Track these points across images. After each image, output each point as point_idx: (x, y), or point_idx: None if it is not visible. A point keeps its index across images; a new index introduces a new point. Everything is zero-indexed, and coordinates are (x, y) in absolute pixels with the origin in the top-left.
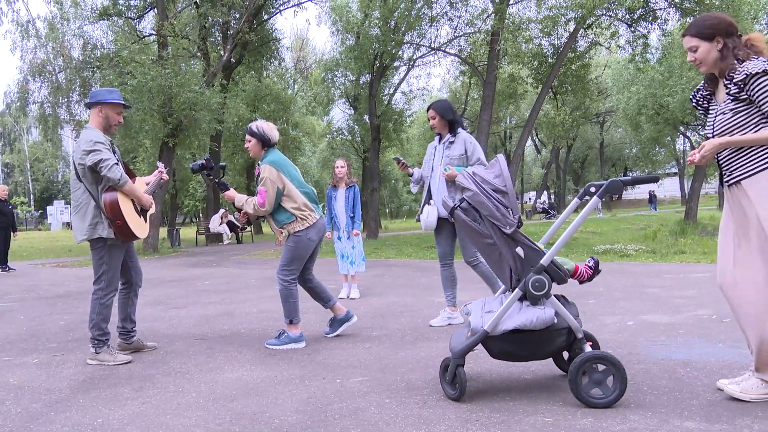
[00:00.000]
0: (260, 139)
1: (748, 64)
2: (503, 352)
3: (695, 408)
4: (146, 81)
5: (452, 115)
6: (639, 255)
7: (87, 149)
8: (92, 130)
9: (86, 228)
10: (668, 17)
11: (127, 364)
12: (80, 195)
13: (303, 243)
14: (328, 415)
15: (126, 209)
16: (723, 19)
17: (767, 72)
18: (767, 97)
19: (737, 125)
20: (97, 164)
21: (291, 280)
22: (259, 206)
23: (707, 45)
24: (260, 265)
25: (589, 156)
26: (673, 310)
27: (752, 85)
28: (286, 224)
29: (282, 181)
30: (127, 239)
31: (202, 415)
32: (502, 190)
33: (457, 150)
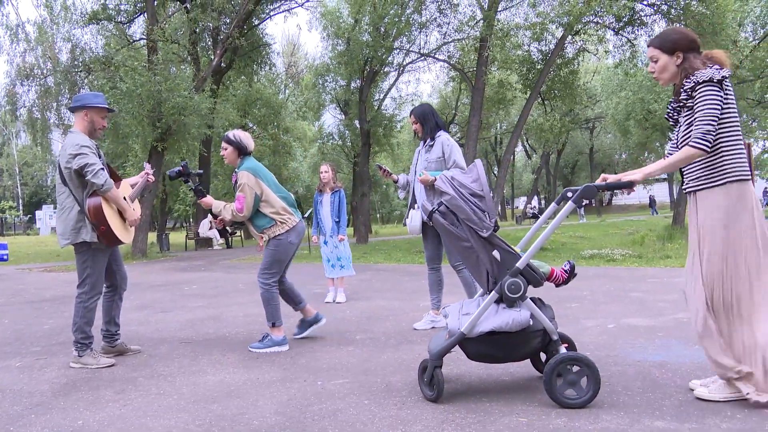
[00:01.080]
0: (237, 147)
1: (698, 73)
2: (480, 354)
3: (666, 408)
4: (136, 86)
5: (433, 119)
6: (625, 259)
7: (73, 153)
8: (78, 134)
9: (69, 232)
10: (655, 24)
11: (110, 367)
12: (65, 199)
13: (283, 246)
14: (306, 417)
15: (110, 214)
16: (686, 35)
17: (713, 80)
18: (702, 103)
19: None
20: (83, 168)
21: (272, 283)
22: (237, 212)
23: (667, 58)
24: (249, 270)
25: (579, 161)
26: (654, 314)
27: (696, 91)
28: (266, 229)
29: (260, 187)
30: (112, 244)
31: (182, 416)
32: (479, 194)
33: (435, 153)
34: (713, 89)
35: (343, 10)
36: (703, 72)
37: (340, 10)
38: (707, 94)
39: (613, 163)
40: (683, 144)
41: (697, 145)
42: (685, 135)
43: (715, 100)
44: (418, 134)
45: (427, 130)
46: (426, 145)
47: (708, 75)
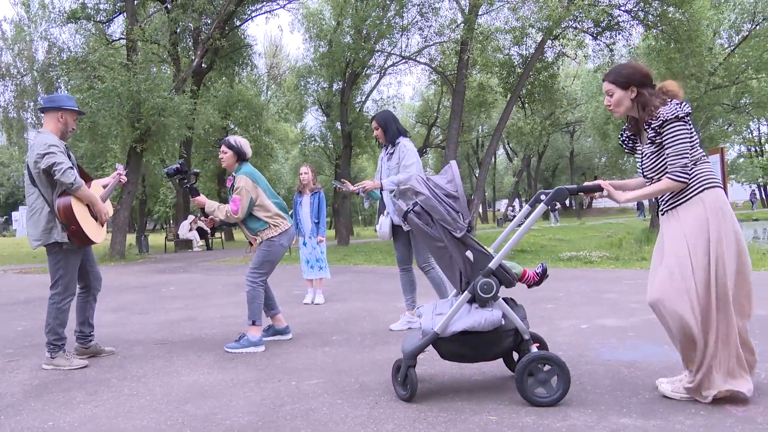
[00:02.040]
0: (237, 152)
1: (663, 110)
2: (452, 354)
3: (633, 405)
4: (115, 86)
5: (394, 126)
6: (602, 261)
7: (41, 152)
8: (47, 134)
9: (40, 233)
10: (632, 30)
11: (83, 368)
12: (34, 200)
13: (275, 248)
14: (279, 416)
15: (80, 214)
16: (639, 69)
17: (678, 117)
18: (671, 141)
19: (659, 167)
20: (51, 167)
21: (260, 282)
22: (231, 213)
23: (622, 92)
24: (228, 272)
25: (559, 165)
26: (627, 315)
27: (664, 129)
28: (259, 231)
29: (256, 192)
30: (83, 244)
31: (154, 417)
32: (454, 195)
33: (395, 160)
34: (680, 126)
35: (326, 12)
36: (668, 109)
37: (322, 12)
38: (676, 131)
39: (593, 167)
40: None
41: (678, 178)
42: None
43: (684, 135)
44: (379, 141)
45: (388, 137)
46: (387, 153)
47: (674, 112)
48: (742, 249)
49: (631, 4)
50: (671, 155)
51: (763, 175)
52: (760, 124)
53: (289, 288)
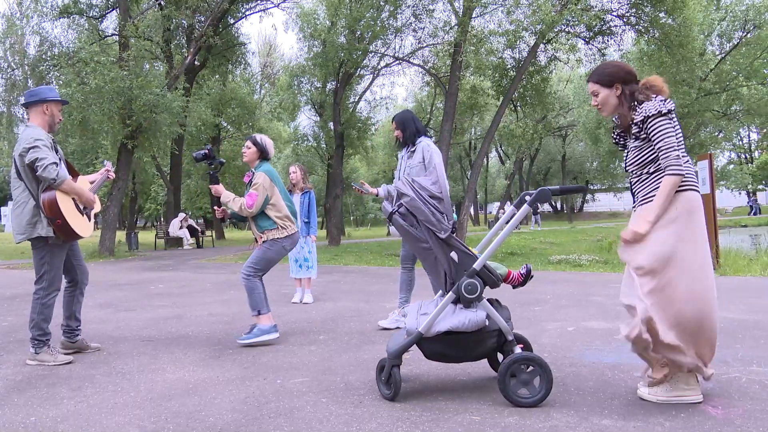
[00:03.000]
0: (260, 149)
1: (645, 105)
2: (436, 353)
3: (615, 407)
4: (106, 82)
5: (413, 125)
6: (591, 265)
7: (27, 146)
8: (34, 128)
9: (24, 227)
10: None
11: (67, 364)
12: (20, 193)
13: (277, 248)
14: (263, 414)
15: (66, 208)
16: (622, 67)
17: (661, 113)
18: (658, 135)
19: (639, 161)
20: (34, 162)
21: (252, 276)
22: (246, 207)
23: (607, 91)
24: (218, 270)
25: (551, 168)
26: (612, 317)
27: (648, 125)
28: (267, 230)
29: (272, 191)
30: (69, 239)
31: (138, 413)
32: (438, 196)
33: (416, 158)
34: (664, 120)
35: (320, 11)
36: (651, 105)
37: (316, 11)
38: (661, 126)
39: (584, 171)
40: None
41: (676, 171)
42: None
43: (669, 129)
44: (399, 140)
45: (408, 136)
46: (408, 151)
47: (656, 108)
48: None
49: (623, 10)
50: (662, 150)
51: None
52: (750, 131)
53: (278, 287)
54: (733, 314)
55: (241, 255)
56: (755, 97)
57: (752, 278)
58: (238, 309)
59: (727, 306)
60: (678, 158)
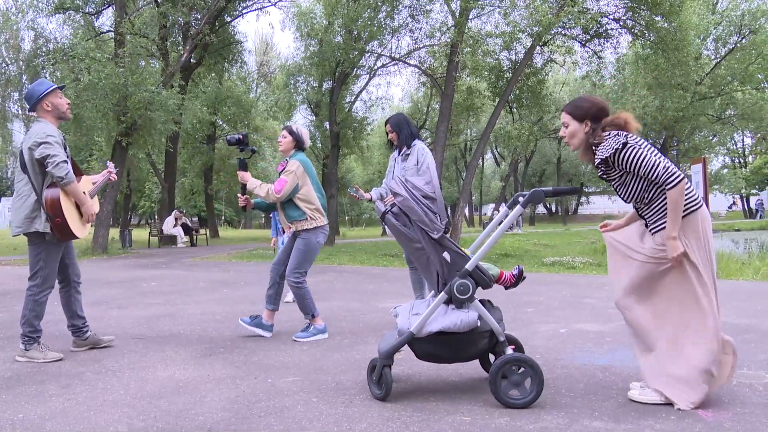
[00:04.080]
0: (296, 139)
1: (601, 148)
2: (428, 354)
3: (605, 409)
4: (100, 78)
5: (408, 129)
6: (585, 267)
7: (38, 141)
8: (45, 123)
9: (23, 220)
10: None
11: (57, 361)
12: (22, 186)
13: (313, 246)
14: (253, 413)
15: (67, 207)
16: (595, 104)
17: (618, 150)
18: (634, 165)
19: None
20: (45, 158)
21: (303, 281)
22: (274, 192)
23: (576, 125)
24: (211, 268)
25: (546, 170)
26: (605, 320)
27: (618, 161)
28: (296, 221)
29: (304, 180)
30: (66, 238)
31: (127, 411)
32: (431, 196)
33: (411, 161)
34: (626, 152)
35: (317, 11)
36: (604, 147)
37: (313, 11)
38: (628, 157)
39: (579, 173)
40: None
41: (673, 184)
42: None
43: (638, 154)
44: (393, 143)
45: (402, 139)
46: (402, 154)
47: (612, 147)
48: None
49: (619, 13)
50: (650, 174)
51: (745, 186)
52: (744, 136)
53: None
54: (724, 318)
55: (235, 254)
56: (750, 101)
57: (744, 282)
58: (231, 308)
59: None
60: (667, 169)
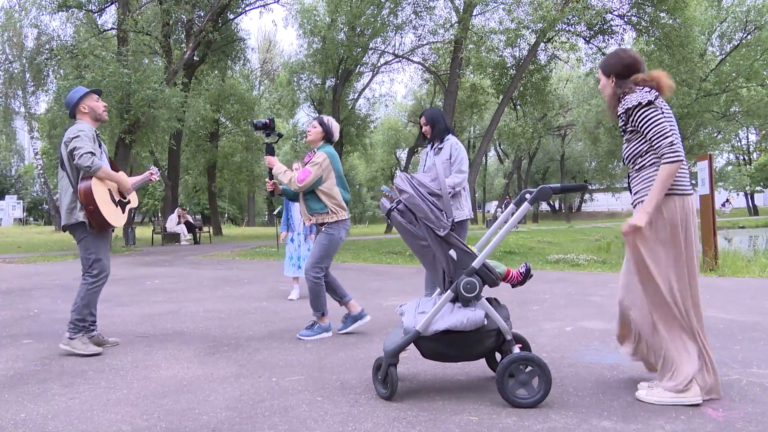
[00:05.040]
0: (326, 130)
1: (627, 98)
2: (434, 353)
3: (614, 409)
4: (104, 76)
5: (443, 123)
6: (589, 264)
7: (71, 136)
8: (81, 122)
9: (65, 213)
10: (625, 34)
11: (96, 355)
12: (63, 182)
13: (335, 241)
14: (257, 412)
15: (100, 197)
16: (621, 59)
17: (641, 104)
18: (646, 127)
19: (632, 153)
20: (72, 151)
21: (321, 278)
22: (297, 181)
23: (605, 80)
24: (215, 266)
25: (550, 168)
26: (611, 318)
27: (633, 118)
28: (317, 213)
29: (329, 173)
30: (101, 227)
31: (130, 411)
32: (437, 193)
33: (444, 155)
34: (649, 109)
35: (320, 8)
36: (632, 97)
37: (316, 8)
38: (647, 116)
39: (583, 170)
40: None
41: (671, 159)
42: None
43: (657, 116)
44: (427, 136)
45: (436, 133)
46: (435, 148)
47: (636, 100)
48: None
49: (624, 9)
50: (654, 140)
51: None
52: (748, 133)
53: (274, 283)
54: (731, 315)
55: (238, 251)
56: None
57: (750, 279)
58: (234, 305)
59: (726, 307)
60: (672, 144)
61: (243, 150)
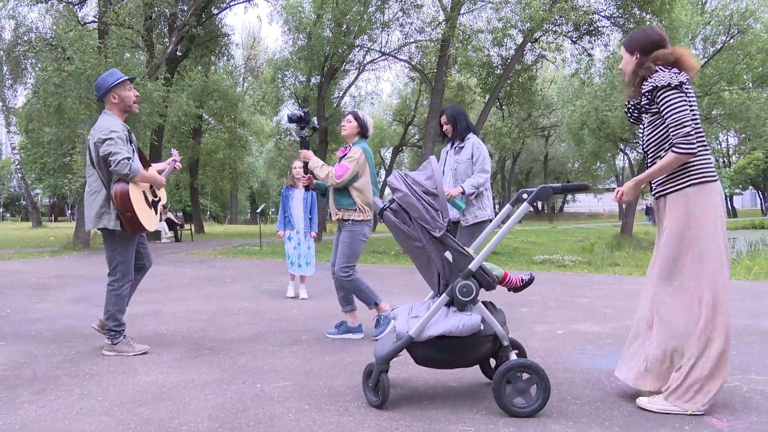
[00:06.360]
0: (361, 125)
1: (656, 76)
2: (428, 359)
3: (615, 418)
4: (85, 68)
5: (464, 121)
6: (575, 266)
7: (102, 137)
8: (109, 116)
9: (94, 217)
10: (611, 36)
11: (143, 354)
12: (93, 182)
13: (360, 238)
14: (241, 422)
15: (137, 201)
16: (649, 36)
17: (671, 85)
18: (668, 109)
19: (654, 138)
20: (107, 156)
21: (351, 273)
22: (334, 176)
23: (628, 57)
24: (196, 265)
25: (533, 168)
26: (602, 320)
27: (658, 97)
28: (344, 209)
29: (364, 170)
30: (136, 231)
31: (105, 420)
32: (433, 192)
33: (465, 155)
34: (674, 93)
35: (306, 4)
36: (661, 76)
37: (302, 4)
38: (670, 98)
39: (566, 171)
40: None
41: (682, 150)
42: (652, 138)
43: (680, 102)
44: (447, 135)
45: (458, 132)
46: (456, 147)
47: (666, 80)
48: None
49: (611, 10)
50: (671, 126)
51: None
52: (728, 136)
53: (258, 283)
54: None
55: (220, 250)
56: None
57: (737, 282)
58: (217, 306)
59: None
60: (689, 135)
61: (226, 147)
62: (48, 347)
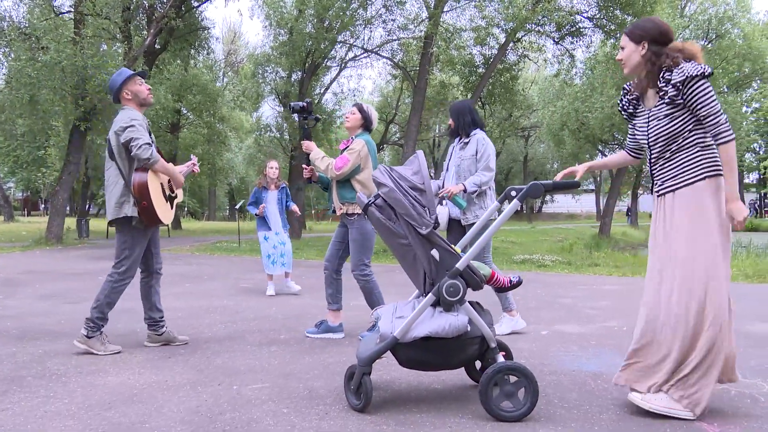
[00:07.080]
0: (364, 117)
1: (686, 66)
2: (412, 361)
3: (604, 422)
4: (60, 59)
5: (469, 116)
6: (555, 266)
7: (123, 125)
8: (130, 109)
9: (113, 207)
10: (593, 37)
11: (116, 354)
12: (112, 173)
13: (368, 233)
14: (216, 426)
15: (154, 192)
16: (658, 26)
17: (705, 75)
18: (702, 102)
19: (669, 131)
20: (129, 142)
21: (369, 273)
22: (334, 168)
23: (633, 47)
24: (172, 261)
25: (513, 168)
26: (585, 321)
27: (690, 88)
28: (348, 203)
29: (366, 163)
30: (151, 223)
31: (71, 424)
32: (420, 187)
33: (470, 150)
34: (708, 83)
35: None
36: (692, 66)
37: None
38: (706, 89)
39: (545, 172)
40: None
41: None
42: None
43: (713, 94)
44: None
45: (461, 126)
46: (461, 142)
47: (699, 69)
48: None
49: (593, 11)
50: (709, 116)
51: None
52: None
53: (236, 280)
54: None
55: (198, 246)
56: None
57: None
58: (193, 303)
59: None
60: (727, 122)
61: (205, 142)
62: (14, 346)
